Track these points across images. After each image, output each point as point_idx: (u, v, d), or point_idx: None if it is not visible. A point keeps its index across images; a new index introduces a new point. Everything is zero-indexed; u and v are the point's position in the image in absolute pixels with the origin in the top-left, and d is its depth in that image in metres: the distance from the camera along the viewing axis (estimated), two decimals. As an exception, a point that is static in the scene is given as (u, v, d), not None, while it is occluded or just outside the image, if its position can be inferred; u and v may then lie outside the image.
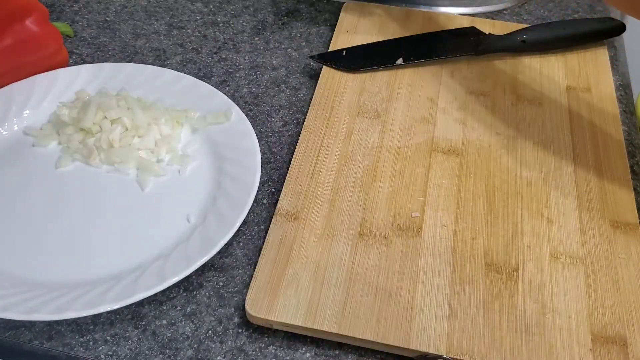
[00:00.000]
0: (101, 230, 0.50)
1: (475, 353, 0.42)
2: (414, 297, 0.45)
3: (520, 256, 0.48)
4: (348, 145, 0.56)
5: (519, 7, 0.73)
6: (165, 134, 0.56)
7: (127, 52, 0.66)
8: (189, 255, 0.46)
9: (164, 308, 0.46)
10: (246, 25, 0.70)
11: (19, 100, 0.58)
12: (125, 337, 0.44)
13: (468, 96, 0.61)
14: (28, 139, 0.56)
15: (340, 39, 0.66)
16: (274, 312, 0.44)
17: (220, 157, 0.54)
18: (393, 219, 0.50)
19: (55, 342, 0.44)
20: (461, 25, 0.68)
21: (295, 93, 0.63)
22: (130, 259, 0.47)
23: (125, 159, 0.54)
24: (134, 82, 0.59)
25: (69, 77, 0.60)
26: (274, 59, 0.66)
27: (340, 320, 0.43)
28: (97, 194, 0.53)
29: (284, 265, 0.47)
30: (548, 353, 0.43)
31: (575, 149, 0.56)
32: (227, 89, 0.63)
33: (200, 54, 0.66)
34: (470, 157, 0.55)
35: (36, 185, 0.53)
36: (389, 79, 0.62)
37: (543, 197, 0.52)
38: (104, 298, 0.43)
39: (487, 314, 0.44)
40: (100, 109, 0.55)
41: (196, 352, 0.44)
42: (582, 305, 0.45)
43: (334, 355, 0.44)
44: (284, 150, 0.57)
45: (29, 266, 0.47)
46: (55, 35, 0.61)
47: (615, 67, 0.66)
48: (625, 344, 0.43)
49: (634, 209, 0.51)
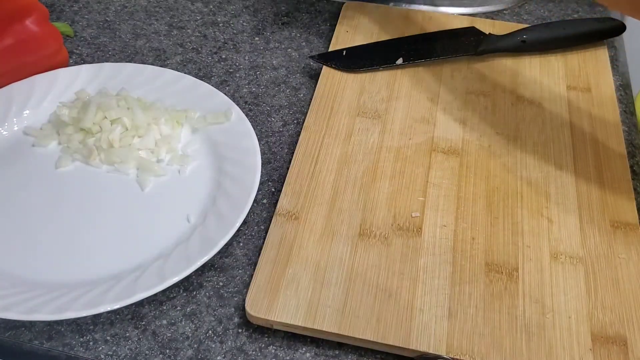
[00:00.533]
0: (101, 230, 0.50)
1: (475, 353, 0.42)
2: (414, 297, 0.45)
3: (520, 256, 0.48)
4: (348, 145, 0.56)
5: (519, 7, 0.73)
6: (165, 134, 0.56)
7: (127, 52, 0.66)
8: (189, 255, 0.46)
9: (164, 308, 0.46)
10: (246, 25, 0.70)
11: (19, 100, 0.58)
12: (125, 337, 0.44)
13: (468, 96, 0.61)
14: (28, 139, 0.56)
15: (340, 39, 0.66)
16: (274, 312, 0.44)
17: (220, 157, 0.54)
18: (393, 219, 0.50)
19: (55, 342, 0.44)
20: (461, 25, 0.68)
21: (295, 93, 0.63)
22: (130, 259, 0.47)
23: (125, 159, 0.54)
24: (134, 82, 0.59)
25: (69, 77, 0.60)
26: (274, 59, 0.66)
27: (340, 320, 0.44)
28: (97, 194, 0.53)
29: (284, 265, 0.47)
30: (548, 353, 0.43)
31: (575, 149, 0.56)
32: (227, 89, 0.63)
33: (200, 54, 0.66)
34: (470, 157, 0.55)
35: (36, 185, 0.53)
36: (389, 79, 0.62)
37: (543, 197, 0.52)
38: (104, 298, 0.43)
39: (487, 314, 0.44)
40: (100, 109, 0.55)
41: (196, 352, 0.44)
42: (582, 305, 0.45)
43: (334, 355, 0.44)
44: (284, 150, 0.57)
45: (29, 266, 0.47)
46: (55, 35, 0.61)
47: (615, 67, 0.66)
48: (625, 344, 0.43)
49: (634, 209, 0.51)
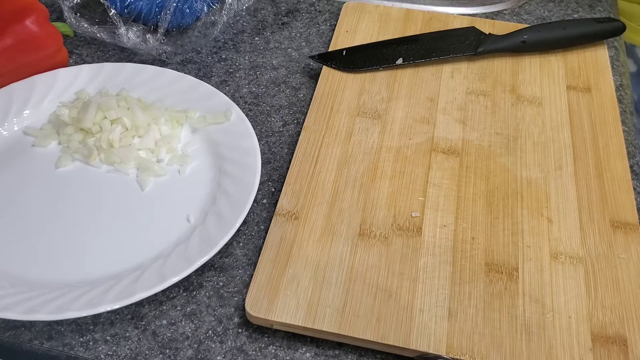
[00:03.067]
0: (101, 230, 0.50)
1: (475, 353, 0.42)
2: (414, 297, 0.45)
3: (520, 256, 0.48)
4: (348, 145, 0.56)
5: (519, 7, 0.73)
6: (165, 134, 0.56)
7: (127, 52, 0.66)
8: (189, 255, 0.46)
9: (164, 308, 0.46)
10: (246, 25, 0.70)
11: (19, 100, 0.58)
12: (125, 337, 0.44)
13: (468, 96, 0.61)
14: (28, 139, 0.56)
15: (340, 39, 0.66)
16: (274, 312, 0.44)
17: (220, 157, 0.54)
18: (393, 219, 0.50)
19: (55, 342, 0.44)
20: (461, 25, 0.68)
21: (295, 93, 0.63)
22: (130, 259, 0.47)
23: (125, 159, 0.54)
24: (134, 82, 0.59)
25: (69, 77, 0.60)
26: (274, 59, 0.66)
27: (340, 320, 0.44)
28: (97, 194, 0.53)
29: (284, 265, 0.47)
30: (548, 353, 0.43)
31: (575, 149, 0.56)
32: (227, 89, 0.62)
33: (200, 54, 0.66)
34: (470, 157, 0.55)
35: (36, 185, 0.53)
36: (389, 79, 0.62)
37: (543, 197, 0.52)
38: (104, 298, 0.43)
39: (487, 314, 0.44)
40: (100, 109, 0.55)
41: (196, 352, 0.44)
42: (582, 305, 0.45)
43: (334, 355, 0.44)
44: (284, 150, 0.57)
45: (29, 266, 0.47)
46: (55, 35, 0.61)
47: (615, 67, 0.66)
48: (625, 344, 0.43)
49: (634, 209, 0.51)
